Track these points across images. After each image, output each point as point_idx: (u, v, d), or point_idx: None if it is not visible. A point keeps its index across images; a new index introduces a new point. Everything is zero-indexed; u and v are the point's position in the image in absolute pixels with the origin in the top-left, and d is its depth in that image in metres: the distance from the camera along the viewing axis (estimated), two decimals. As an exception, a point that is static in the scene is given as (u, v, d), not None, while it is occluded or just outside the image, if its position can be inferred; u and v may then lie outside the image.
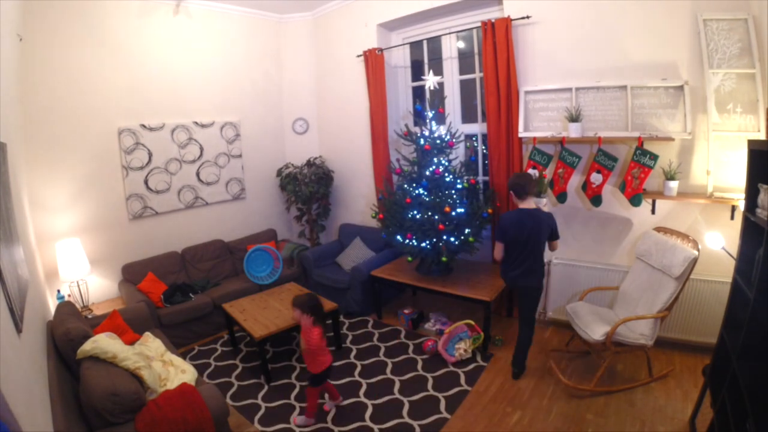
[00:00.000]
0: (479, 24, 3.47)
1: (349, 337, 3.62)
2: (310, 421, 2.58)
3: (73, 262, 3.34)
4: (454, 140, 3.57)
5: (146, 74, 3.86)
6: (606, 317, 2.80)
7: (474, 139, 4.23)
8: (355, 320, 3.93)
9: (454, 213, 3.40)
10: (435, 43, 4.17)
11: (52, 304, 3.16)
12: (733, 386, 1.77)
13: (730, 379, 1.80)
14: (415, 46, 4.35)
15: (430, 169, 3.50)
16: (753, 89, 2.55)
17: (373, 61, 4.21)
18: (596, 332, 2.60)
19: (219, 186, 4.51)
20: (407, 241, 3.59)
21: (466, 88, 4.13)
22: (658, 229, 2.89)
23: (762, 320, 1.61)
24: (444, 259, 3.50)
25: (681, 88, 2.77)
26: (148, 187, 3.95)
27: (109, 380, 1.86)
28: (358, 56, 4.38)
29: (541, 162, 3.31)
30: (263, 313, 3.29)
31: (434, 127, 3.56)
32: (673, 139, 2.82)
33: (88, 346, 2.03)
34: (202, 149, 4.32)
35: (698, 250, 2.52)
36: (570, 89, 3.16)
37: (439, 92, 3.99)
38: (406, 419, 2.58)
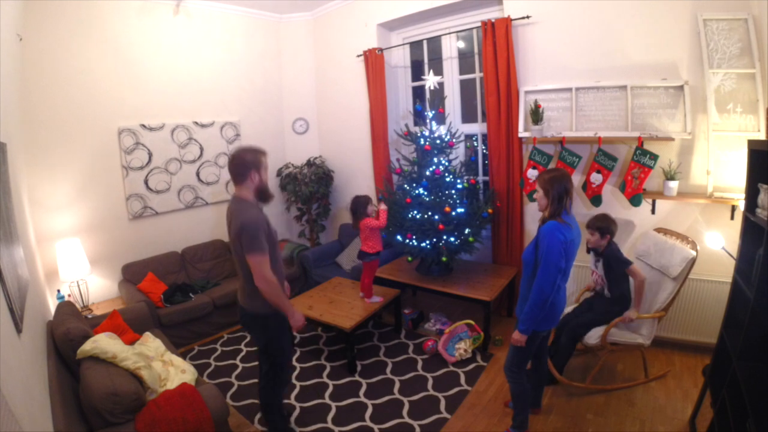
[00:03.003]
0: (479, 24, 3.47)
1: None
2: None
3: (73, 262, 3.34)
4: (454, 140, 3.57)
5: (146, 74, 3.86)
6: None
7: (474, 139, 4.23)
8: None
9: (454, 213, 3.40)
10: (435, 43, 4.16)
11: (52, 304, 3.16)
12: (733, 386, 1.77)
13: (730, 379, 1.80)
14: (415, 46, 4.35)
15: (430, 169, 3.50)
16: (753, 89, 2.55)
17: (373, 61, 4.21)
18: (591, 337, 2.62)
19: (219, 186, 4.50)
20: (407, 241, 3.59)
21: (466, 88, 4.13)
22: (658, 230, 2.89)
23: (762, 320, 1.60)
24: (444, 259, 3.50)
25: (681, 88, 2.77)
26: (148, 187, 3.94)
27: (109, 380, 1.86)
28: (358, 56, 4.38)
29: (541, 162, 3.31)
30: (332, 307, 3.32)
31: (434, 127, 3.56)
32: (673, 139, 2.82)
33: (88, 346, 2.03)
34: (202, 149, 4.32)
35: (697, 250, 2.52)
36: (570, 89, 3.16)
37: (439, 92, 3.99)
38: (406, 419, 2.58)
